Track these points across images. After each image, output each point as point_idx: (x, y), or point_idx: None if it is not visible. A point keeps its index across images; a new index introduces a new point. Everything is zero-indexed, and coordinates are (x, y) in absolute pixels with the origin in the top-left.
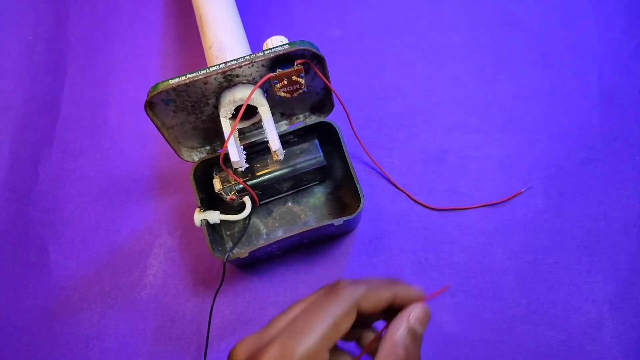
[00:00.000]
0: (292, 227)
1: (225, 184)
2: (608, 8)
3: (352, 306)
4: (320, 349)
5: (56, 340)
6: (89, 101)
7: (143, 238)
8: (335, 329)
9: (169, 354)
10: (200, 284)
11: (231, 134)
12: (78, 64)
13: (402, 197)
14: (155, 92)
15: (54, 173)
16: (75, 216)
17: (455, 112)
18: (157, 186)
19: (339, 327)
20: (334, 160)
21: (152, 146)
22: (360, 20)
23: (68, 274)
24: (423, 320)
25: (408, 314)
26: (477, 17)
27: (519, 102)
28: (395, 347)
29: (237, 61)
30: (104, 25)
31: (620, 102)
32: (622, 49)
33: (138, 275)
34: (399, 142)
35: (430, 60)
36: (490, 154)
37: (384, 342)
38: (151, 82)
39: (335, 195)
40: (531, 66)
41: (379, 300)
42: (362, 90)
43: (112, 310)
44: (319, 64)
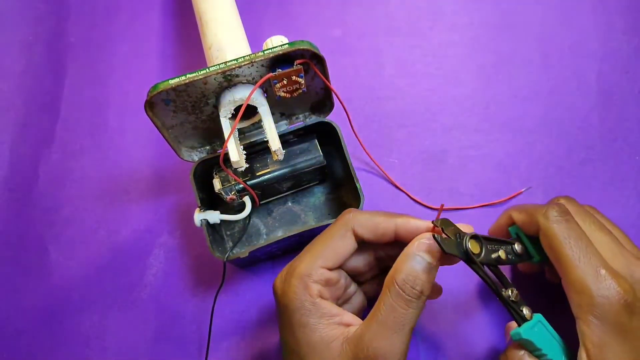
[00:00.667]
0: (292, 227)
1: (225, 184)
2: (608, 8)
3: (347, 230)
4: (317, 265)
5: (56, 340)
6: (89, 101)
7: (143, 238)
8: (331, 249)
9: (169, 354)
10: (200, 284)
11: (231, 134)
12: (78, 64)
13: (402, 196)
14: (155, 92)
15: (54, 173)
16: (75, 216)
17: (455, 112)
18: (157, 186)
19: (335, 247)
20: (334, 160)
21: (152, 146)
22: (360, 20)
23: (68, 274)
24: (428, 248)
25: (412, 244)
26: (477, 17)
27: (519, 102)
28: (394, 272)
29: (237, 61)
30: (104, 25)
31: (620, 102)
32: (622, 49)
33: (138, 275)
34: (399, 142)
35: (430, 60)
36: (490, 154)
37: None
38: (151, 82)
39: (335, 195)
40: (531, 66)
41: (375, 227)
42: (362, 90)
43: (112, 310)
44: (318, 64)
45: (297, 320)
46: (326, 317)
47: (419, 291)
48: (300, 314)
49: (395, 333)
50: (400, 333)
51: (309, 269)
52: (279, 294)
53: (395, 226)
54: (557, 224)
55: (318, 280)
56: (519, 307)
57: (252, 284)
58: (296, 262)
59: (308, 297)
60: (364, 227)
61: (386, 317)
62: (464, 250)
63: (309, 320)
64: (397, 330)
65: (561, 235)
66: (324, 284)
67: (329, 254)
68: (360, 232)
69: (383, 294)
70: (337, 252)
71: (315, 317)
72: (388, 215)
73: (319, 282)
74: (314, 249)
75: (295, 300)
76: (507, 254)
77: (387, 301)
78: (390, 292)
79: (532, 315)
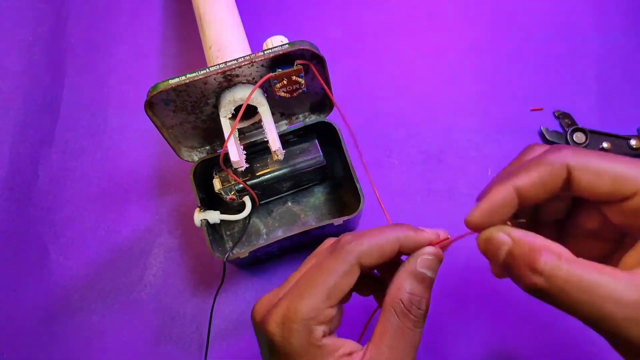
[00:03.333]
0: (292, 227)
1: (225, 183)
2: (608, 8)
3: (353, 264)
4: (322, 307)
5: (56, 340)
6: (89, 101)
7: (143, 238)
8: (337, 287)
9: (169, 354)
10: (200, 284)
11: (231, 134)
12: (78, 64)
13: (402, 196)
14: (155, 92)
15: (54, 173)
16: (75, 216)
17: (455, 112)
18: (157, 186)
19: (341, 285)
20: (334, 160)
21: (152, 146)
22: (360, 20)
23: (68, 274)
24: (431, 264)
25: (415, 260)
26: (477, 17)
27: (519, 102)
28: (399, 292)
29: (237, 61)
30: (104, 25)
31: (620, 103)
32: (622, 49)
33: (138, 275)
34: (399, 142)
35: (430, 60)
36: (489, 154)
37: (389, 289)
38: (151, 82)
39: (335, 195)
40: (531, 66)
41: (382, 254)
42: (362, 90)
43: (112, 310)
44: (318, 64)
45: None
46: (332, 354)
47: (424, 310)
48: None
49: (407, 356)
50: (411, 355)
51: (315, 312)
52: (278, 341)
53: (399, 244)
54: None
55: (323, 321)
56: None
57: (252, 284)
58: (295, 302)
59: (314, 341)
60: (372, 256)
61: (397, 342)
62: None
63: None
64: (408, 353)
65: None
66: (329, 322)
67: (335, 293)
68: (367, 263)
69: (388, 316)
70: (343, 290)
71: (321, 358)
72: (388, 232)
73: (322, 323)
74: (316, 287)
75: (301, 347)
76: None
77: (395, 324)
78: (398, 314)
79: None
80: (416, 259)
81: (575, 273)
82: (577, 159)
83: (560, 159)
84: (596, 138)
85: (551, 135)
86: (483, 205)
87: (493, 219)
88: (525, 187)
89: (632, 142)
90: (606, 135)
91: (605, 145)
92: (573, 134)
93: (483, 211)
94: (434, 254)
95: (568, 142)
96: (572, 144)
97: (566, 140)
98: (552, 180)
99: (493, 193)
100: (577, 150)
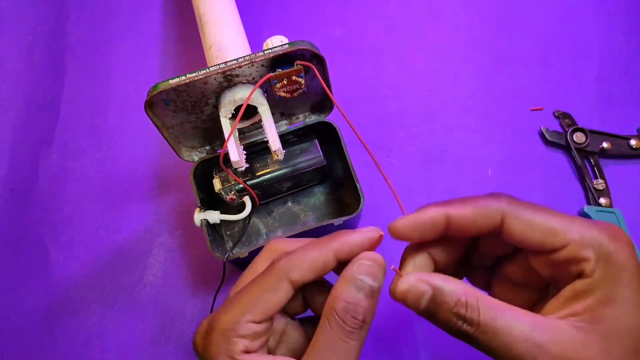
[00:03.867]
0: (292, 227)
1: (225, 183)
2: (608, 8)
3: (277, 280)
4: (242, 321)
5: (56, 340)
6: (89, 101)
7: (143, 238)
8: (261, 303)
9: (169, 354)
10: (200, 284)
11: (231, 134)
12: (78, 64)
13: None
14: (155, 92)
15: (54, 173)
16: (75, 216)
17: (455, 112)
18: (157, 186)
19: (265, 301)
20: (334, 160)
21: (152, 146)
22: (360, 20)
23: (68, 274)
24: (371, 271)
25: (352, 266)
26: (477, 17)
27: (519, 102)
28: (333, 301)
29: (237, 61)
30: (104, 25)
31: (620, 103)
32: (622, 49)
33: (138, 275)
34: (399, 142)
35: (430, 60)
36: (489, 154)
37: (327, 303)
38: (151, 82)
39: (335, 195)
40: (531, 66)
41: (314, 268)
42: (362, 90)
43: (112, 310)
44: (319, 64)
45: None
46: None
47: (361, 320)
48: None
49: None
50: None
51: (233, 324)
52: (200, 350)
53: (334, 254)
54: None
55: (244, 335)
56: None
57: None
58: (219, 313)
59: (232, 354)
60: (301, 271)
61: (326, 354)
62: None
63: None
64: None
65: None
66: (252, 338)
67: (259, 308)
68: (298, 279)
69: (321, 326)
70: (268, 307)
71: None
72: (321, 244)
73: (245, 337)
74: (241, 300)
75: (218, 358)
76: None
77: (327, 334)
78: (330, 323)
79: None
80: (353, 265)
81: (491, 316)
82: (512, 208)
83: (497, 204)
84: (596, 138)
85: (551, 135)
86: (409, 218)
87: (414, 233)
88: (456, 217)
89: (632, 142)
90: (606, 135)
91: (605, 145)
92: (573, 134)
93: (408, 223)
94: (371, 258)
95: (568, 142)
96: (572, 144)
97: (566, 140)
98: (483, 220)
99: (425, 210)
100: (514, 201)
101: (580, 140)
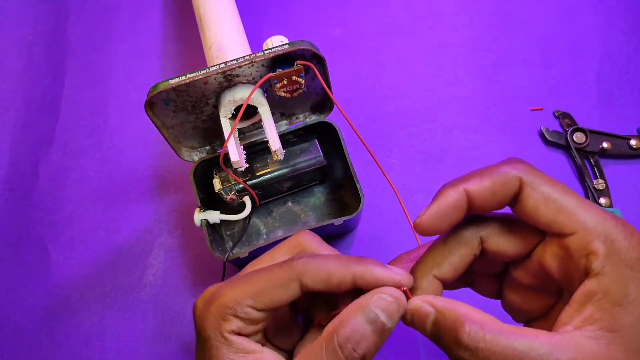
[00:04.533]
0: (292, 227)
1: (225, 183)
2: (608, 8)
3: (292, 279)
4: (243, 303)
5: (56, 340)
6: (89, 101)
7: (143, 238)
8: (267, 293)
9: (169, 354)
10: (200, 284)
11: (231, 134)
12: (78, 64)
13: (402, 196)
14: (155, 92)
15: (54, 173)
16: (75, 216)
17: (455, 112)
18: (157, 186)
19: (271, 292)
20: (334, 160)
21: (152, 146)
22: (360, 20)
23: (68, 274)
24: (388, 308)
25: (371, 296)
26: (477, 17)
27: (519, 102)
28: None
29: (237, 61)
30: (104, 25)
31: (620, 103)
32: (622, 49)
33: (138, 275)
34: (399, 142)
35: (430, 60)
36: (489, 154)
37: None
38: (151, 82)
39: (335, 195)
40: (531, 66)
41: (327, 281)
42: (362, 90)
43: (112, 310)
44: (319, 64)
45: (208, 348)
46: (240, 353)
47: (360, 355)
48: (210, 345)
49: None
50: None
51: (234, 302)
52: (197, 315)
53: (353, 276)
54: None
55: (240, 317)
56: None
57: None
58: (225, 287)
59: (222, 331)
60: (314, 279)
61: None
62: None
63: (219, 353)
64: None
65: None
66: (247, 322)
67: (263, 298)
68: (309, 284)
69: (315, 345)
70: (272, 300)
71: (224, 350)
72: (344, 261)
73: (241, 319)
74: (249, 283)
75: (209, 329)
76: None
77: (317, 356)
78: (326, 348)
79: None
80: (372, 295)
81: (499, 343)
82: (531, 177)
83: (515, 171)
84: (596, 138)
85: (551, 135)
86: (432, 208)
87: (441, 224)
88: (477, 192)
89: (632, 142)
90: (606, 135)
91: (605, 145)
92: (573, 134)
93: (432, 214)
94: (394, 296)
95: (568, 142)
96: (572, 144)
97: (566, 140)
98: (503, 190)
99: (444, 194)
100: (533, 169)
101: (580, 140)
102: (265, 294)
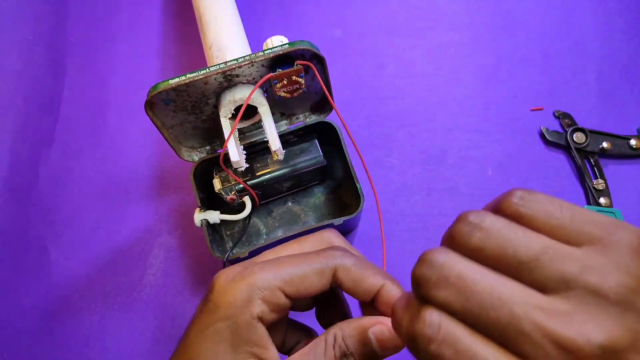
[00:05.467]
0: (292, 227)
1: (225, 183)
2: (608, 8)
3: (326, 267)
4: (275, 285)
5: (56, 340)
6: (89, 101)
7: (143, 238)
8: (302, 280)
9: (169, 354)
10: (200, 284)
11: (231, 134)
12: (78, 64)
13: (402, 196)
14: (155, 92)
15: (54, 173)
16: (75, 216)
17: (455, 112)
18: (157, 186)
19: (306, 280)
20: (334, 160)
21: (152, 146)
22: (360, 20)
23: (68, 274)
24: (384, 342)
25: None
26: (477, 17)
27: (519, 102)
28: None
29: (237, 61)
30: (104, 25)
31: (620, 103)
32: (622, 49)
33: (138, 275)
34: (399, 142)
35: (430, 60)
36: (489, 154)
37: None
38: (151, 82)
39: (335, 195)
40: (531, 66)
41: (361, 280)
42: (362, 90)
43: (112, 310)
44: (319, 64)
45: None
46: (250, 343)
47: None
48: (225, 325)
49: None
50: None
51: (267, 284)
52: (217, 289)
53: (383, 287)
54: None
55: (269, 300)
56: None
57: None
58: (256, 268)
59: (247, 312)
60: (348, 275)
61: None
62: None
63: (229, 336)
64: None
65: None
66: (272, 308)
67: (297, 283)
68: (342, 279)
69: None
70: (306, 286)
71: (239, 335)
72: (379, 271)
73: (267, 303)
74: (284, 267)
75: (231, 307)
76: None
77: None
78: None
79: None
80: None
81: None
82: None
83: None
84: (596, 138)
85: (551, 135)
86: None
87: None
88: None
89: (632, 142)
90: (606, 135)
91: (605, 145)
92: (573, 134)
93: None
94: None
95: (568, 142)
96: (572, 144)
97: (566, 140)
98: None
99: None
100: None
101: (580, 140)
102: (301, 279)
